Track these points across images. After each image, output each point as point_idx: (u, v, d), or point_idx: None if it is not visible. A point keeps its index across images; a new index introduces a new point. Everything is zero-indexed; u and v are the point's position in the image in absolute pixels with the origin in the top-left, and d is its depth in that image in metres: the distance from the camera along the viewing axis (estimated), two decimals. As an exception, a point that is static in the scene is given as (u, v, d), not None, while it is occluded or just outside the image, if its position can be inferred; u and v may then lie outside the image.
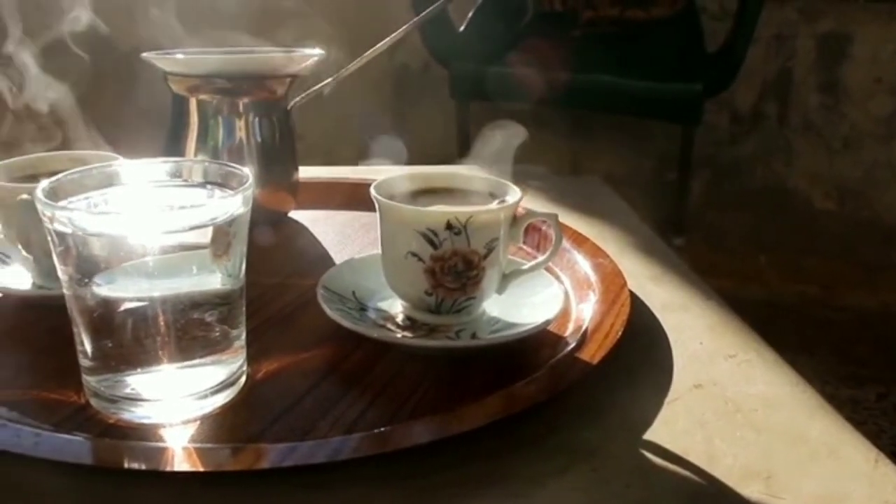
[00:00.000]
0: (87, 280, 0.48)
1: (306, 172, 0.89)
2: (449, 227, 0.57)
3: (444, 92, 2.07)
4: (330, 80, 0.82)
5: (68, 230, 0.47)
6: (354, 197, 0.91)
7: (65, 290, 0.50)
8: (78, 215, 0.48)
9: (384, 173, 0.65)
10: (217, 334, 0.51)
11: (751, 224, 2.42)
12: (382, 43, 0.82)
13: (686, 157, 2.05)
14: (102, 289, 0.48)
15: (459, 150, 1.87)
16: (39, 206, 0.48)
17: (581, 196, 0.99)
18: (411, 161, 1.05)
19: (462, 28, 2.12)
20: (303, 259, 0.78)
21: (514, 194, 0.61)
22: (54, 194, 0.49)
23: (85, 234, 0.47)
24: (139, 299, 0.48)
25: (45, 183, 0.49)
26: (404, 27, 0.82)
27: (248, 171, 0.51)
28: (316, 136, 0.85)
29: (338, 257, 0.77)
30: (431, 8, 0.81)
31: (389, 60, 2.33)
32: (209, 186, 0.54)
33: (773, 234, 2.40)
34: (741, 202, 2.42)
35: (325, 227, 0.85)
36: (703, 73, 1.92)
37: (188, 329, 0.49)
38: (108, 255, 0.47)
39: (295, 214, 0.87)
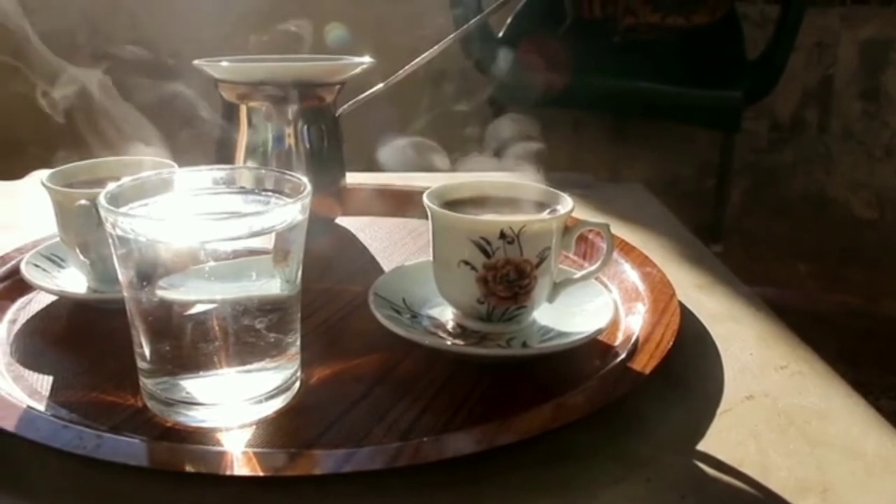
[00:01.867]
0: (147, 284, 0.49)
1: (351, 178, 0.89)
2: (502, 235, 0.57)
3: (481, 97, 2.07)
4: (378, 87, 0.83)
5: (130, 235, 0.48)
6: (400, 203, 0.92)
7: (125, 293, 0.51)
8: (141, 221, 0.49)
9: (429, 180, 0.66)
10: (274, 340, 0.52)
11: (790, 232, 2.40)
12: (430, 51, 0.82)
13: (725, 164, 2.04)
14: (162, 293, 0.49)
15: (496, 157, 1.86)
16: (102, 212, 0.49)
17: (624, 203, 0.99)
18: (450, 168, 1.06)
19: (500, 34, 2.12)
20: (351, 265, 0.78)
21: (565, 204, 0.62)
22: (116, 200, 0.50)
23: (147, 239, 0.48)
24: (199, 304, 0.49)
25: (108, 188, 0.50)
26: (452, 35, 0.83)
27: (305, 179, 0.52)
28: (356, 142, 0.85)
29: (385, 264, 0.78)
30: (488, 11, 0.82)
31: (426, 66, 2.33)
32: (265, 193, 0.54)
33: (813, 243, 2.38)
34: (780, 210, 2.40)
35: (371, 233, 0.86)
36: (744, 81, 1.91)
37: (246, 334, 0.50)
38: (169, 260, 0.48)
39: (342, 220, 0.88)
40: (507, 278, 0.58)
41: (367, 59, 0.82)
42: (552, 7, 2.09)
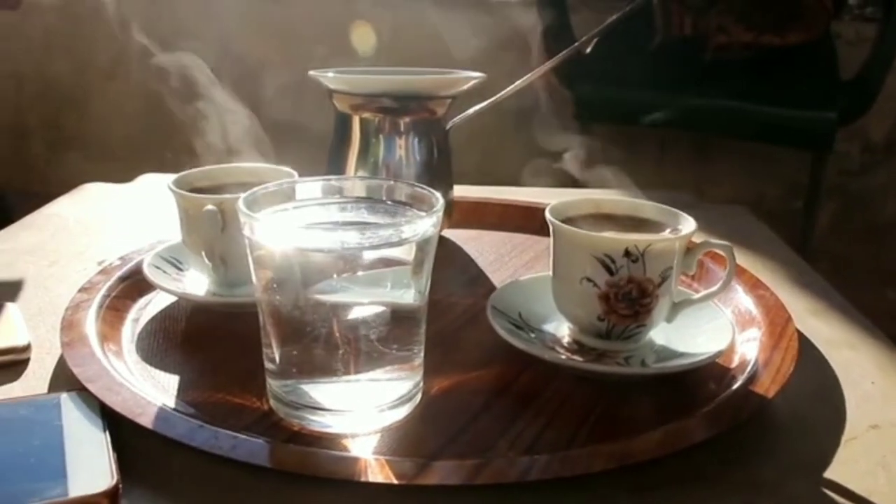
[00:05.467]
0: (280, 287, 0.50)
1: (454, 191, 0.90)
2: (627, 254, 0.57)
3: (566, 113, 2.07)
4: (488, 101, 0.84)
5: (270, 241, 0.49)
6: (505, 217, 0.92)
7: (258, 296, 0.52)
8: (282, 227, 0.50)
9: (530, 195, 0.66)
10: (402, 349, 0.52)
11: (879, 257, 2.34)
12: (542, 67, 0.83)
13: (815, 186, 2.00)
14: (297, 298, 0.50)
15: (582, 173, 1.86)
16: (242, 217, 0.50)
17: (728, 225, 0.98)
18: (537, 183, 1.06)
19: (588, 50, 2.11)
20: (461, 278, 0.79)
21: (688, 224, 0.61)
22: (252, 206, 0.51)
23: (289, 245, 0.49)
24: (333, 310, 0.50)
25: (245, 195, 0.52)
26: (565, 51, 0.84)
27: (438, 193, 0.53)
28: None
29: (494, 277, 0.78)
30: (601, 27, 0.82)
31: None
32: (395, 204, 0.55)
33: (903, 270, 2.31)
34: (869, 234, 2.34)
35: (478, 246, 0.87)
36: (838, 101, 1.87)
37: (376, 343, 0.51)
38: (308, 267, 0.49)
39: (448, 233, 0.89)
40: (629, 296, 0.58)
41: (478, 74, 0.83)
42: (641, 24, 2.07)
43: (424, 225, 0.50)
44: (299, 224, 0.53)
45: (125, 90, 2.40)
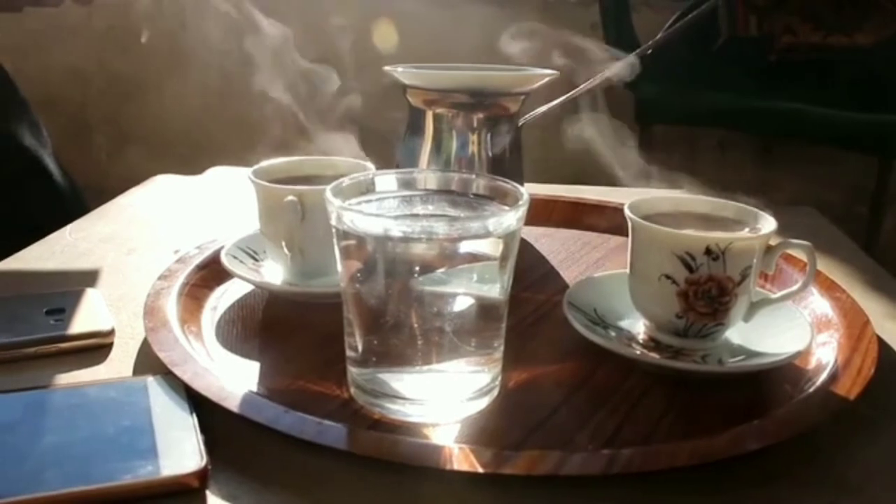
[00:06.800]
0: (366, 277, 0.51)
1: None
2: (708, 252, 0.57)
3: (626, 114, 2.06)
4: (559, 100, 0.84)
5: (359, 230, 0.50)
6: (573, 215, 0.92)
7: (342, 285, 0.53)
8: (372, 218, 0.50)
9: (596, 193, 0.66)
10: (483, 343, 0.53)
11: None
12: (612, 67, 0.83)
13: (881, 191, 1.97)
14: (383, 288, 0.51)
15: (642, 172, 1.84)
16: (329, 207, 0.51)
17: (798, 227, 0.96)
18: (598, 183, 1.06)
19: (649, 50, 2.10)
20: (533, 274, 0.79)
21: (767, 223, 0.61)
22: (337, 196, 0.52)
23: (375, 235, 0.49)
24: (418, 302, 0.50)
25: (332, 185, 0.53)
26: (638, 51, 0.83)
27: (522, 188, 0.53)
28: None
29: (566, 274, 0.78)
30: (673, 28, 0.81)
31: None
32: (477, 198, 0.56)
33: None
34: (936, 241, 2.30)
35: (548, 243, 0.87)
36: (907, 104, 1.84)
37: (459, 335, 0.51)
38: (393, 257, 0.50)
39: (518, 229, 0.89)
40: (708, 294, 0.58)
41: (551, 71, 0.83)
42: (706, 24, 2.05)
43: (510, 219, 0.50)
44: (388, 214, 0.53)
45: (183, 86, 2.44)
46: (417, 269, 0.49)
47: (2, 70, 1.17)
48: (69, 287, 0.72)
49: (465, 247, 0.50)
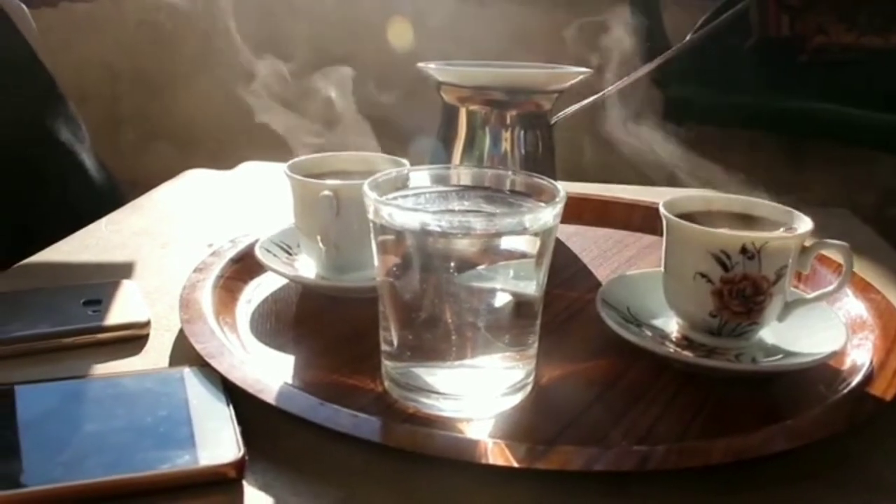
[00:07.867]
0: (403, 272, 0.51)
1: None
2: (743, 250, 0.57)
3: (654, 113, 2.05)
4: (591, 98, 0.84)
5: (394, 225, 0.50)
6: (604, 213, 0.92)
7: (378, 279, 0.53)
8: (406, 211, 0.51)
9: (629, 192, 0.65)
10: (518, 339, 0.53)
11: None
12: (646, 66, 0.82)
13: (914, 193, 1.95)
14: (420, 283, 0.51)
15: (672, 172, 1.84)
16: (367, 201, 0.51)
17: (832, 228, 0.96)
18: (624, 181, 1.06)
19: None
20: (565, 272, 0.79)
21: (804, 223, 0.61)
22: (374, 191, 0.52)
23: (413, 229, 0.50)
24: (454, 297, 0.51)
25: (369, 180, 0.53)
26: (670, 50, 0.83)
27: (558, 184, 0.53)
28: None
29: (598, 272, 0.78)
30: (706, 28, 0.81)
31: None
32: (513, 195, 0.56)
33: None
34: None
35: (579, 241, 0.87)
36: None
37: (495, 331, 0.52)
38: (431, 252, 0.50)
39: (549, 227, 0.89)
40: (742, 293, 0.58)
41: (585, 69, 0.83)
42: (737, 23, 2.04)
43: (546, 215, 0.50)
44: (426, 209, 0.54)
45: (210, 83, 2.46)
46: (453, 264, 0.49)
47: (42, 66, 1.18)
48: (105, 279, 0.73)
49: (502, 243, 0.50)
